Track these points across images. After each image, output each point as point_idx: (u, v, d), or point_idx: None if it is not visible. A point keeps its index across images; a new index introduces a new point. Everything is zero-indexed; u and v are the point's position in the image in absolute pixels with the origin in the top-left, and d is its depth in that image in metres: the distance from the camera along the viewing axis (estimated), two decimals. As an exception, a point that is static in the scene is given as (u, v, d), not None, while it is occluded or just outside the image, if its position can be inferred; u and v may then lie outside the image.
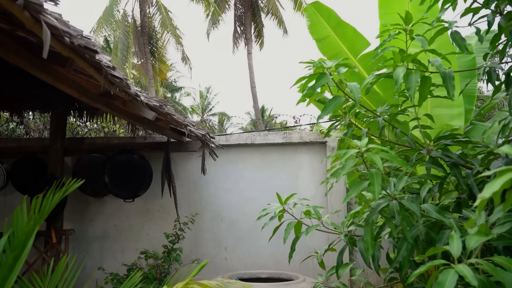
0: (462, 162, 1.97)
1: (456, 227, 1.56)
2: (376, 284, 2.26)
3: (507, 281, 1.20)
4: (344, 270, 2.17)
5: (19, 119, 6.17)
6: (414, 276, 1.41)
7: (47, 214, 1.64)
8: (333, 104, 2.04)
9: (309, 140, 5.56)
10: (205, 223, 5.67)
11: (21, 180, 5.52)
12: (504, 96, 3.27)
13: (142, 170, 5.37)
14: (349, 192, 1.77)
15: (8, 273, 1.34)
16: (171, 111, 3.98)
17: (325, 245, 2.44)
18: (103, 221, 5.84)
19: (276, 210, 2.31)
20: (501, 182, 0.95)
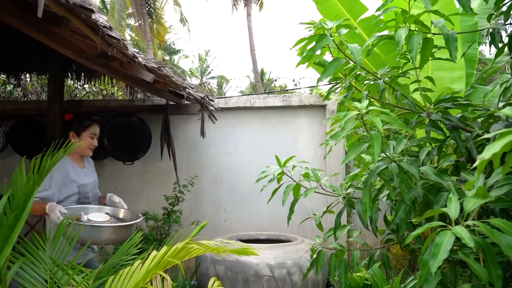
0: (462, 125, 1.96)
1: (454, 190, 1.57)
2: (373, 246, 2.30)
3: (503, 243, 1.21)
4: (341, 232, 2.20)
5: (16, 81, 6.12)
6: (411, 238, 1.43)
7: (46, 174, 1.64)
8: (333, 66, 2.01)
9: (309, 103, 5.54)
10: (204, 186, 5.71)
11: (20, 142, 5.52)
12: (506, 60, 3.24)
13: (141, 133, 5.37)
14: (348, 154, 1.77)
15: (9, 232, 1.35)
16: (170, 73, 3.94)
17: (323, 207, 2.46)
18: (103, 184, 5.87)
19: (275, 173, 2.31)
20: (502, 144, 0.95)
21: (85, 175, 3.23)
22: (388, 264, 2.16)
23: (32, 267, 1.94)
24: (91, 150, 3.24)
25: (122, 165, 5.62)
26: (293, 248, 4.23)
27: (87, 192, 3.19)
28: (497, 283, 1.30)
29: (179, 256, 1.66)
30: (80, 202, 3.16)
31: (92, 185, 3.26)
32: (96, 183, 3.35)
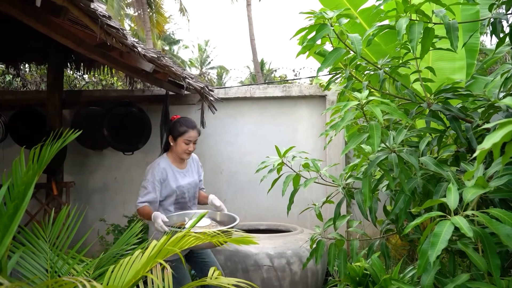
0: (462, 116, 1.96)
1: (454, 180, 1.57)
2: (373, 236, 2.31)
3: (502, 233, 1.22)
4: (341, 222, 2.21)
5: (15, 71, 6.10)
6: (410, 227, 1.43)
7: (45, 164, 1.64)
8: (334, 56, 2.00)
9: (309, 94, 5.52)
10: (204, 176, 5.69)
11: (20, 132, 5.52)
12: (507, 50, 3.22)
13: (141, 123, 5.36)
14: (348, 144, 1.77)
15: (9, 222, 1.36)
16: (169, 63, 3.92)
17: (323, 197, 2.47)
18: (103, 174, 5.89)
19: (275, 163, 2.32)
20: (502, 134, 0.95)
21: (183, 176, 3.34)
22: (387, 254, 2.17)
23: (33, 256, 1.95)
24: (188, 154, 3.30)
25: (122, 155, 5.62)
26: (292, 238, 4.25)
27: (184, 192, 3.33)
28: (496, 273, 1.31)
29: (179, 245, 1.66)
30: (178, 202, 3.34)
31: (188, 186, 3.36)
32: (194, 183, 3.43)
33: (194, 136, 3.26)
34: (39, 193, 5.13)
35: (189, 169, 3.43)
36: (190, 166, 3.46)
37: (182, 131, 3.24)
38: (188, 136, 3.23)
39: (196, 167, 3.52)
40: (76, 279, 1.28)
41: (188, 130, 3.23)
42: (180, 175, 3.34)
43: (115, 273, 1.67)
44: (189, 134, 3.23)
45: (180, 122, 3.30)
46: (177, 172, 3.33)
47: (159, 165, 3.29)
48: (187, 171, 3.40)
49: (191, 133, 3.24)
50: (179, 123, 3.29)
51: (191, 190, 3.41)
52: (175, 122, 3.34)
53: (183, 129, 3.24)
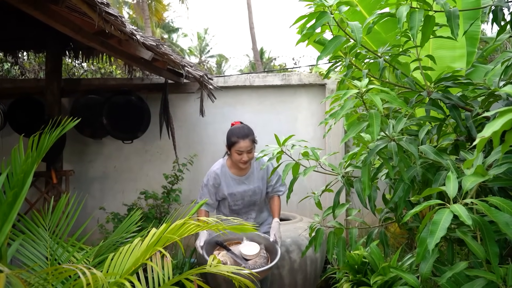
0: (462, 104, 1.96)
1: (453, 168, 1.57)
2: (372, 224, 2.31)
3: (501, 221, 1.22)
4: (340, 210, 2.21)
5: (13, 59, 6.07)
6: (409, 216, 1.43)
7: (44, 152, 1.64)
8: (334, 44, 1.99)
9: (308, 82, 5.51)
10: (204, 165, 5.71)
11: (19, 121, 5.50)
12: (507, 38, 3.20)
13: (140, 111, 5.34)
14: (347, 133, 1.77)
15: (8, 210, 1.36)
16: (168, 51, 3.90)
17: (322, 186, 2.47)
18: (103, 162, 5.89)
19: (274, 152, 2.31)
20: (502, 122, 0.95)
21: (239, 183, 3.25)
22: (386, 242, 2.17)
23: (33, 244, 1.96)
24: (244, 164, 3.15)
25: (121, 144, 5.61)
26: (292, 226, 4.26)
27: (237, 200, 3.28)
28: (494, 260, 1.32)
29: (179, 233, 1.67)
30: (231, 210, 3.32)
31: (243, 194, 3.27)
32: (252, 191, 3.28)
33: (246, 146, 3.09)
34: (38, 181, 5.14)
35: (250, 176, 3.29)
36: (252, 173, 3.30)
37: (233, 142, 3.11)
38: (239, 147, 3.09)
39: (261, 174, 3.32)
40: (76, 267, 1.28)
41: (239, 141, 3.09)
42: (235, 182, 3.25)
43: (115, 261, 1.67)
44: (240, 144, 3.09)
45: (232, 131, 3.18)
46: (233, 178, 3.24)
47: (213, 170, 3.25)
48: (247, 178, 3.27)
49: (241, 143, 3.09)
50: (231, 132, 3.17)
51: (247, 198, 3.29)
52: (228, 131, 3.22)
53: (234, 140, 3.11)
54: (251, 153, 3.13)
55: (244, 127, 3.21)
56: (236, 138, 3.10)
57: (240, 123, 3.29)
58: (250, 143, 3.11)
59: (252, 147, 3.13)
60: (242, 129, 3.18)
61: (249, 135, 3.13)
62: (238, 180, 3.25)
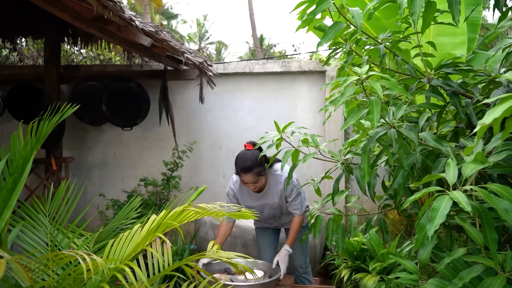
0: (462, 91, 1.95)
1: (453, 155, 1.57)
2: (371, 211, 2.32)
3: (500, 207, 1.22)
4: (339, 197, 2.21)
5: (11, 45, 6.03)
6: (408, 202, 1.44)
7: (44, 138, 1.64)
8: (334, 30, 1.98)
9: (308, 69, 5.49)
10: (203, 152, 5.72)
11: (18, 108, 5.49)
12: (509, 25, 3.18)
13: (139, 98, 5.33)
14: (347, 120, 1.76)
15: (8, 196, 1.36)
16: (168, 37, 3.88)
17: (322, 173, 2.47)
18: (102, 149, 5.89)
19: (274, 138, 2.31)
20: (503, 109, 0.94)
21: (256, 199, 3.14)
22: (385, 229, 2.18)
23: (33, 230, 1.96)
24: (254, 189, 3.03)
25: (120, 131, 5.61)
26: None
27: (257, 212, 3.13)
28: (493, 247, 1.32)
29: (178, 219, 1.67)
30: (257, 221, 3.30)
31: (262, 207, 3.15)
32: (269, 205, 3.15)
33: (248, 180, 2.94)
34: (38, 168, 5.14)
35: (267, 192, 3.12)
36: (269, 188, 3.11)
37: (236, 172, 3.00)
38: (242, 179, 2.98)
39: (279, 190, 3.10)
40: (76, 253, 1.29)
41: (241, 174, 2.95)
42: (252, 197, 3.15)
43: (115, 247, 1.68)
44: (242, 178, 2.97)
45: (236, 160, 2.99)
46: (249, 193, 3.14)
47: (230, 184, 3.19)
48: (264, 194, 3.13)
49: (243, 177, 2.95)
50: (236, 161, 2.99)
51: (266, 211, 3.19)
52: (236, 157, 3.03)
53: (237, 170, 2.98)
54: (257, 183, 2.97)
55: (248, 158, 2.92)
56: (239, 170, 2.95)
57: (252, 146, 3.02)
58: (253, 177, 2.92)
59: (256, 179, 2.94)
60: (245, 161, 2.92)
61: (252, 169, 2.89)
62: (255, 195, 3.14)
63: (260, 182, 2.99)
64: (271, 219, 3.29)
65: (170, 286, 1.94)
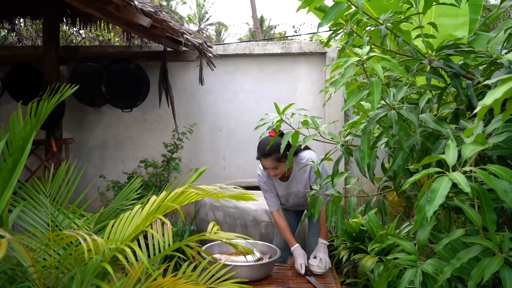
0: (463, 73, 1.94)
1: (453, 137, 1.57)
2: (370, 193, 2.33)
3: (499, 188, 1.22)
4: (339, 179, 2.22)
5: (10, 26, 5.99)
6: (408, 184, 1.44)
7: (43, 119, 1.64)
8: (335, 11, 1.96)
9: (309, 51, 5.45)
10: (203, 133, 5.73)
11: (17, 88, 5.48)
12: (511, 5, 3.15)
13: (139, 80, 5.31)
14: (347, 101, 1.75)
15: (8, 176, 1.36)
16: (167, 18, 3.85)
17: (322, 155, 2.47)
18: (102, 131, 5.89)
19: (273, 120, 2.30)
20: (504, 90, 0.94)
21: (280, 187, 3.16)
22: (384, 210, 2.19)
23: (34, 211, 1.97)
24: (276, 176, 3.02)
25: (120, 112, 5.60)
26: (291, 195, 4.29)
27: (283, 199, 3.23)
28: (492, 227, 1.33)
29: (179, 200, 1.68)
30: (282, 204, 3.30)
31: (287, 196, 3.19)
32: (294, 194, 3.16)
33: (268, 164, 2.92)
34: (38, 150, 5.15)
35: (292, 180, 3.11)
36: (294, 176, 3.10)
37: (258, 156, 2.98)
38: (263, 164, 2.97)
39: (304, 179, 3.08)
40: (77, 233, 1.30)
41: (261, 158, 2.94)
42: (279, 185, 3.15)
43: (115, 228, 1.69)
44: (262, 162, 2.96)
45: (259, 145, 2.96)
46: (276, 181, 3.15)
47: (260, 168, 3.15)
48: (290, 182, 3.12)
49: (263, 161, 2.94)
50: (258, 146, 2.97)
51: (291, 199, 3.20)
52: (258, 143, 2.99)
53: (258, 155, 2.97)
54: (278, 169, 2.94)
55: (271, 144, 2.83)
56: (259, 155, 2.95)
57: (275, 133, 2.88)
58: (272, 162, 2.90)
59: (276, 165, 2.91)
60: (265, 146, 2.89)
61: (271, 153, 2.87)
62: (282, 184, 3.15)
63: (281, 169, 2.94)
64: (295, 206, 3.31)
65: (170, 266, 1.95)
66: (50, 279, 1.63)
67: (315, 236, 3.28)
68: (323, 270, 2.87)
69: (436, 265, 1.57)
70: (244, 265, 2.71)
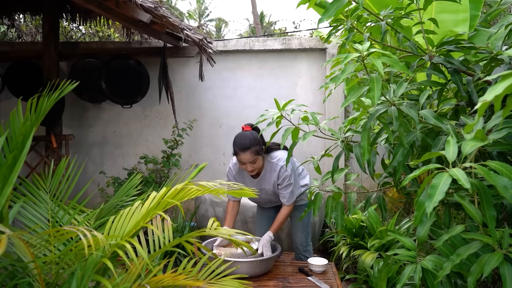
0: (463, 69, 1.94)
1: (453, 133, 1.57)
2: (370, 189, 2.33)
3: (499, 184, 1.22)
4: (339, 175, 2.22)
5: (9, 22, 5.98)
6: (408, 179, 1.44)
7: (43, 115, 1.64)
8: (335, 7, 1.95)
9: (309, 47, 5.45)
10: (203, 130, 5.72)
11: (17, 85, 5.47)
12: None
13: (139, 75, 5.31)
14: (348, 97, 1.75)
15: (9, 172, 1.36)
16: (167, 13, 3.84)
17: (322, 151, 2.47)
18: (102, 127, 5.89)
19: (274, 116, 2.30)
20: (504, 86, 0.94)
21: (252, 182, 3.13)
22: (384, 206, 2.19)
23: (34, 206, 1.97)
24: (251, 172, 3.00)
25: (120, 108, 5.60)
26: (291, 191, 4.29)
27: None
28: (491, 224, 1.33)
29: (179, 196, 1.68)
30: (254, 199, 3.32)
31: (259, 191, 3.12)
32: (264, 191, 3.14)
33: (247, 158, 2.89)
34: (38, 146, 5.15)
35: (263, 177, 3.11)
36: (265, 174, 3.10)
37: (234, 151, 2.95)
38: (240, 158, 2.93)
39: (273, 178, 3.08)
40: (77, 229, 1.30)
41: (239, 152, 2.91)
42: (251, 180, 3.13)
43: (116, 224, 1.69)
44: (240, 156, 2.92)
45: (235, 140, 2.97)
46: (247, 176, 3.14)
47: (232, 161, 3.17)
48: (261, 179, 3.12)
49: (241, 155, 2.90)
50: (234, 141, 2.97)
51: (263, 195, 3.18)
52: (234, 137, 3.00)
53: (235, 149, 2.94)
54: (255, 163, 2.93)
55: (247, 137, 2.91)
56: (236, 149, 2.93)
57: (250, 128, 3.01)
58: (252, 156, 2.88)
59: (255, 158, 2.91)
60: (244, 139, 2.91)
61: (250, 147, 2.87)
62: (253, 180, 3.14)
63: (258, 164, 2.95)
64: (268, 202, 3.31)
65: (170, 262, 1.96)
66: (51, 274, 1.64)
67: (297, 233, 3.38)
68: (322, 269, 2.87)
69: (435, 261, 1.57)
70: (244, 261, 2.71)
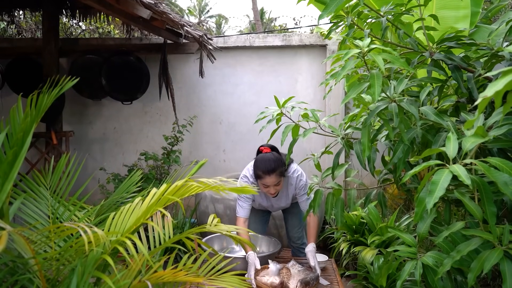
0: (464, 65, 1.93)
1: (453, 130, 1.57)
2: (370, 185, 2.33)
3: (500, 180, 1.22)
4: (339, 172, 2.22)
5: (9, 18, 5.96)
6: (408, 176, 1.44)
7: (43, 111, 1.63)
8: (336, 3, 1.95)
9: (309, 43, 5.44)
10: (203, 126, 5.72)
11: (17, 81, 5.46)
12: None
13: (139, 72, 5.30)
14: (348, 94, 1.75)
15: (9, 168, 1.36)
16: (167, 10, 3.83)
17: (322, 148, 2.47)
18: (102, 124, 5.89)
19: (274, 113, 2.30)
20: (505, 82, 0.94)
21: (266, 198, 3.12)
22: (384, 203, 2.19)
23: (34, 203, 1.98)
24: (272, 194, 2.92)
25: (120, 105, 5.60)
26: (291, 187, 4.29)
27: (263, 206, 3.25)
28: (492, 220, 1.33)
29: (179, 193, 1.68)
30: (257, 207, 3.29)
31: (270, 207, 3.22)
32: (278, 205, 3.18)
33: (271, 182, 2.81)
34: (39, 142, 5.15)
35: (281, 194, 3.09)
36: (282, 192, 3.08)
37: (258, 175, 2.84)
38: (265, 182, 2.83)
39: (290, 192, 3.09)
40: (78, 225, 1.30)
41: (264, 176, 2.81)
42: (263, 196, 3.10)
43: (116, 220, 1.69)
44: (265, 180, 2.82)
45: (257, 163, 2.86)
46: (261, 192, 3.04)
47: (248, 178, 3.01)
48: (279, 197, 3.11)
49: (267, 179, 2.81)
50: (256, 165, 2.87)
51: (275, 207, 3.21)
52: (255, 160, 2.92)
53: (259, 173, 2.83)
54: (278, 186, 2.87)
55: (271, 160, 2.83)
56: (261, 173, 2.82)
57: (270, 150, 2.94)
58: (276, 178, 2.81)
59: (279, 180, 2.85)
60: (268, 162, 2.82)
61: (276, 169, 2.80)
62: (269, 197, 3.09)
63: (280, 186, 2.90)
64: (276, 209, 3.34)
65: (171, 258, 1.96)
66: (51, 271, 1.64)
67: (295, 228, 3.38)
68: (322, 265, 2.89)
69: (436, 257, 1.57)
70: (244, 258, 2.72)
